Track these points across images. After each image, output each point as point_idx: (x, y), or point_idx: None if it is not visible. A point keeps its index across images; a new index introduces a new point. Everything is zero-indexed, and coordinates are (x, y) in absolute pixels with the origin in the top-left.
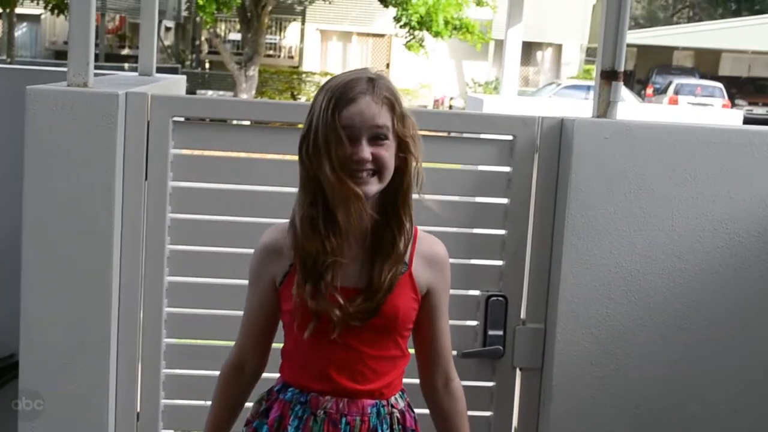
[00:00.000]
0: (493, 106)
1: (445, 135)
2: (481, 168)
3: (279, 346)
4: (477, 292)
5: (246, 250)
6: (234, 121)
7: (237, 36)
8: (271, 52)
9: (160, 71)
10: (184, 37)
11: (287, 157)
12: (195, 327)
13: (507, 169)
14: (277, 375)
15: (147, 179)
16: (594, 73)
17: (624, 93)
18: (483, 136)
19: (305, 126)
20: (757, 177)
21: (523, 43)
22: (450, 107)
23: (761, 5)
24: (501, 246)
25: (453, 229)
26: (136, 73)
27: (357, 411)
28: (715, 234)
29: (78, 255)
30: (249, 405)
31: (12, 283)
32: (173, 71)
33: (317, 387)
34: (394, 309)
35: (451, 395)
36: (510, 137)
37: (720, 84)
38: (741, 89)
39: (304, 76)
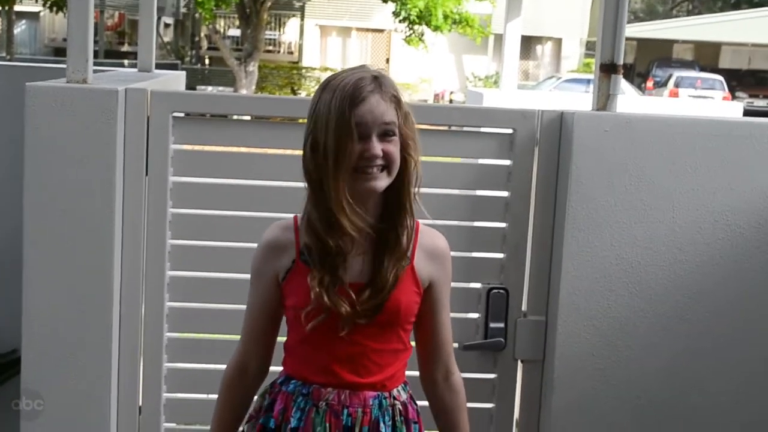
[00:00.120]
0: (493, 99)
1: (446, 129)
2: (482, 161)
3: (282, 339)
4: (478, 284)
5: (247, 244)
6: (234, 117)
7: (236, 32)
8: (271, 47)
9: (159, 68)
10: (183, 34)
11: (287, 152)
12: (196, 321)
13: (507, 163)
14: (280, 368)
15: (147, 175)
16: (594, 67)
17: (624, 86)
18: (483, 129)
19: (310, 125)
20: (758, 169)
21: (523, 38)
22: (450, 101)
23: None
24: (502, 239)
25: (454, 223)
26: (135, 70)
27: (359, 403)
28: (716, 226)
29: (79, 250)
30: None
31: (12, 283)
32: (173, 67)
33: (320, 380)
34: (396, 303)
35: (452, 388)
36: (510, 131)
37: (720, 76)
38: (741, 82)
39: (303, 71)
